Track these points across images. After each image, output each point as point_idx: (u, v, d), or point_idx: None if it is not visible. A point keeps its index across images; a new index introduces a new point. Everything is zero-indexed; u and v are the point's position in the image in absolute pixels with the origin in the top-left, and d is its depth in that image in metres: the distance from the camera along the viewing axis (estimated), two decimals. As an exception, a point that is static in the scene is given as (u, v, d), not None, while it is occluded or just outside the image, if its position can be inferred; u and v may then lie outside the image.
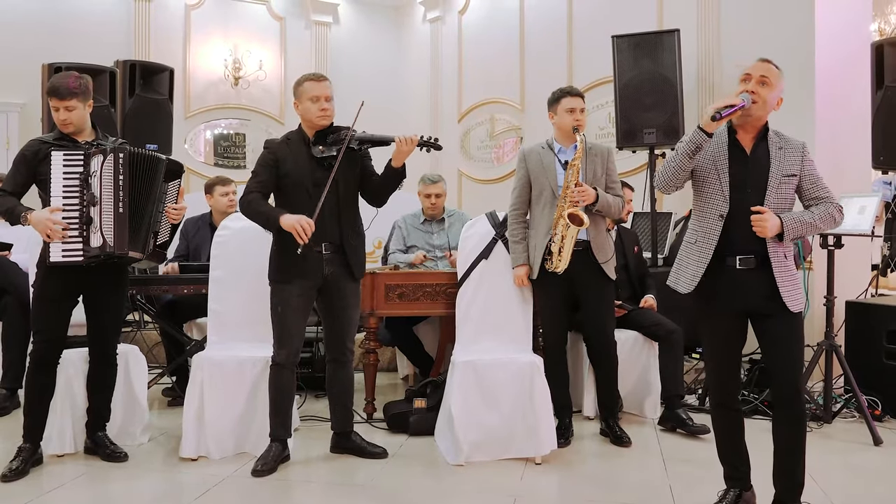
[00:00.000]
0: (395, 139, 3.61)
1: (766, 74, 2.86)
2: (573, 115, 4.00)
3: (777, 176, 2.84)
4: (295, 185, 3.62)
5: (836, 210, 2.88)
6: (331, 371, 3.82)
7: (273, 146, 3.73)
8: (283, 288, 3.63)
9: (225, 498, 3.29)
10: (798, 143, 2.91)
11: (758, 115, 2.87)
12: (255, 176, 3.67)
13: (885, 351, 4.54)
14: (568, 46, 7.21)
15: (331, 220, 3.62)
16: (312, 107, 3.64)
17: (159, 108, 6.49)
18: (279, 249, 3.64)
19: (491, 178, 7.97)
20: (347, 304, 3.74)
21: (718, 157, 2.89)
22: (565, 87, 4.12)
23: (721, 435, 3.04)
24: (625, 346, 4.38)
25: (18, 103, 7.00)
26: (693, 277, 2.90)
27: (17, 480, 3.39)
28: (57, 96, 3.50)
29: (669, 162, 2.92)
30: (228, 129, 8.30)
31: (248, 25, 8.30)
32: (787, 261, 2.85)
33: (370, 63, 8.61)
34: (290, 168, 3.63)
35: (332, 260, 3.64)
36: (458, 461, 3.67)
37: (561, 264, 3.90)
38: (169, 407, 4.83)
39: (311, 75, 3.75)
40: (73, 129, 3.55)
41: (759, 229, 2.78)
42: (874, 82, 5.11)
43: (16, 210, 3.43)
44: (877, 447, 3.99)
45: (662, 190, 3.01)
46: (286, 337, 3.65)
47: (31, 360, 3.56)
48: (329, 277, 3.65)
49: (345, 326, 3.76)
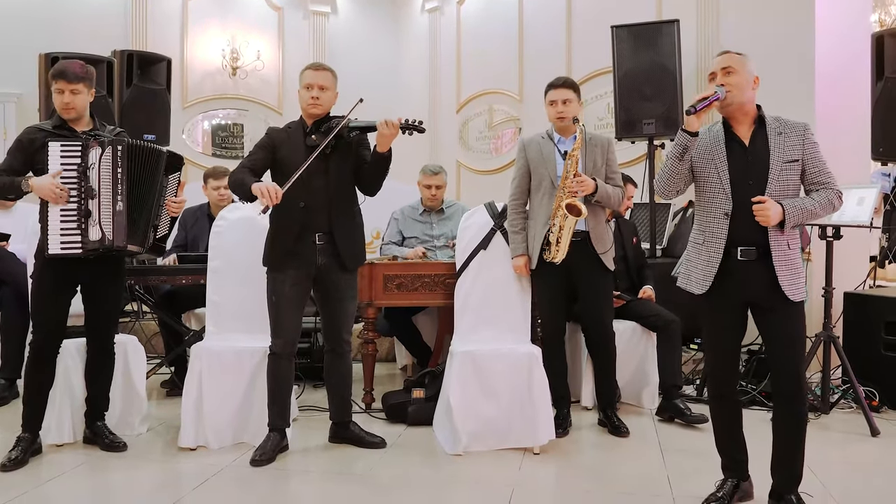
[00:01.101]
0: (378, 123, 3.60)
1: (727, 64, 2.88)
2: (555, 108, 4.01)
3: (778, 164, 2.83)
4: (288, 171, 3.60)
5: (836, 196, 2.87)
6: (328, 361, 3.82)
7: (272, 132, 3.77)
8: (276, 277, 3.64)
9: (224, 487, 3.29)
10: (799, 125, 2.89)
11: (739, 102, 2.86)
12: (249, 155, 3.71)
13: (883, 342, 4.55)
14: (567, 37, 7.19)
15: (322, 210, 3.61)
16: (305, 94, 3.67)
17: (157, 98, 6.48)
18: (273, 237, 3.66)
19: (489, 168, 7.96)
20: (342, 295, 3.73)
21: (716, 154, 2.88)
22: (553, 79, 4.09)
23: (719, 425, 3.04)
24: (623, 337, 4.38)
25: (15, 93, 6.97)
26: (705, 278, 2.89)
27: (17, 470, 3.40)
28: (65, 78, 3.48)
29: (664, 167, 2.94)
30: (226, 120, 8.27)
31: (245, 15, 8.27)
32: (791, 251, 2.83)
33: (368, 53, 8.58)
34: (286, 154, 3.64)
35: (324, 250, 3.64)
36: (456, 451, 3.68)
37: (559, 255, 3.89)
38: (168, 397, 4.84)
39: (311, 64, 3.78)
40: (74, 115, 3.52)
41: (761, 219, 2.77)
42: (874, 73, 5.10)
43: (14, 182, 3.41)
44: (874, 438, 4.00)
45: (662, 195, 3.01)
46: (281, 327, 3.65)
47: (30, 350, 3.56)
48: (322, 268, 3.64)
49: (340, 318, 3.76)
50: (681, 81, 5.64)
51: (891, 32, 5.18)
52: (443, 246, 4.99)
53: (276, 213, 3.51)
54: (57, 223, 3.40)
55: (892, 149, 5.06)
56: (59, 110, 3.52)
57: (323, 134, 3.62)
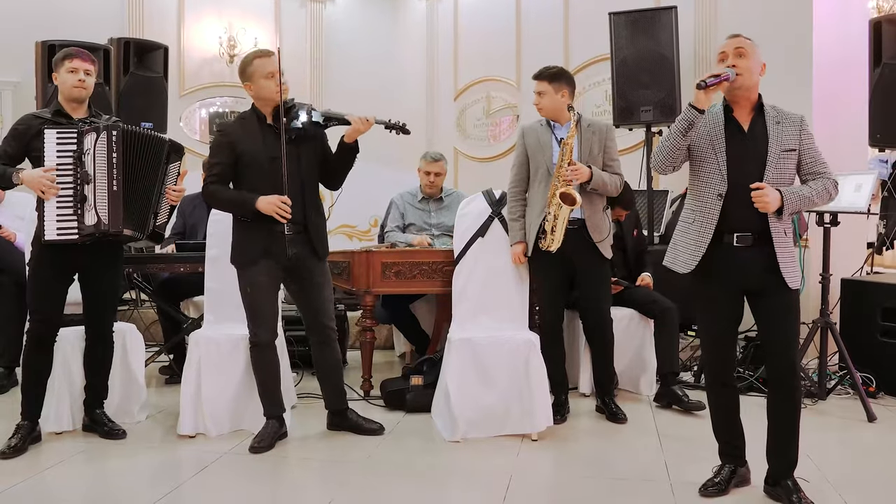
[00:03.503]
0: (352, 118, 3.58)
1: (740, 46, 2.86)
2: (536, 98, 4.04)
3: (776, 151, 2.83)
4: (252, 164, 3.57)
5: (833, 185, 2.88)
6: (316, 353, 3.81)
7: (226, 128, 3.67)
8: (249, 269, 3.61)
9: (223, 474, 3.30)
10: (796, 116, 2.90)
11: (746, 87, 2.86)
12: (211, 166, 3.61)
13: (880, 328, 4.56)
14: (564, 23, 7.16)
15: (296, 199, 3.56)
16: (269, 83, 3.57)
17: (154, 86, 6.45)
18: (241, 234, 3.62)
19: (487, 156, 7.94)
20: (319, 281, 3.72)
21: (715, 136, 2.88)
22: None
23: (716, 412, 3.05)
24: (620, 324, 4.39)
25: (12, 81, 6.94)
26: (692, 257, 2.89)
27: (16, 457, 3.41)
28: (80, 57, 3.53)
29: (664, 142, 2.91)
30: (224, 107, 8.23)
31: (242, 3, 8.22)
32: (787, 237, 2.85)
33: (366, 41, 8.54)
34: (247, 147, 3.58)
35: (294, 240, 3.58)
36: (454, 438, 3.69)
37: (554, 244, 3.89)
38: (166, 385, 4.85)
39: (259, 52, 3.69)
40: (85, 95, 3.55)
41: (760, 205, 2.77)
42: (871, 59, 5.08)
43: (6, 172, 3.41)
44: (871, 424, 4.02)
45: (658, 170, 3.00)
46: (260, 316, 3.63)
47: (28, 338, 3.57)
48: (294, 258, 3.60)
49: (322, 306, 3.75)
50: (678, 68, 5.62)
51: (888, 18, 5.16)
52: (440, 235, 4.99)
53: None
54: (53, 210, 3.40)
55: (889, 135, 5.05)
56: (70, 88, 3.52)
57: (294, 119, 3.56)
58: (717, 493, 2.98)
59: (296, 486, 3.26)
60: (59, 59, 3.55)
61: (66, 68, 3.51)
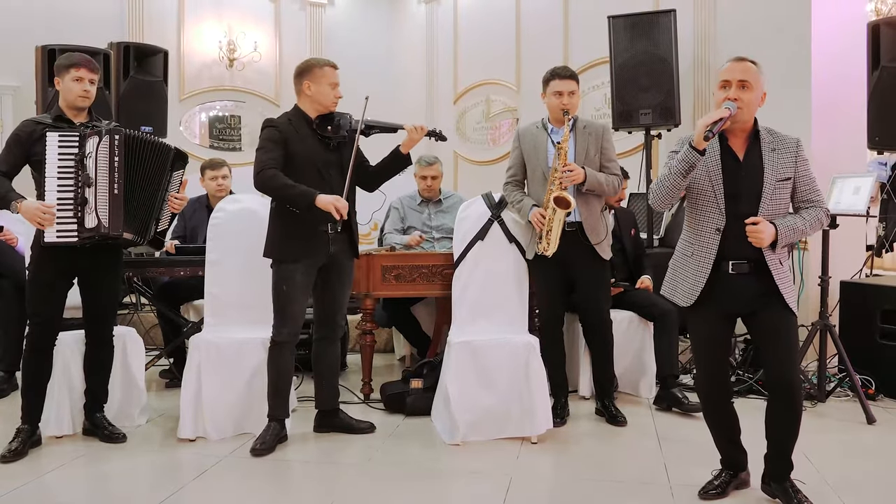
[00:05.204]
0: (407, 127, 3.68)
1: (744, 78, 2.79)
2: (560, 98, 3.95)
3: (771, 182, 2.82)
4: (305, 165, 3.61)
5: (825, 214, 2.89)
6: (319, 349, 3.84)
7: (279, 124, 3.69)
8: (288, 267, 3.63)
9: (224, 477, 3.31)
10: (791, 140, 2.88)
11: (744, 119, 2.83)
12: (267, 151, 3.60)
13: (879, 330, 4.56)
14: (564, 27, 7.18)
15: None
16: (331, 92, 3.69)
17: (154, 90, 6.46)
18: (285, 229, 3.64)
19: (487, 159, 7.96)
20: (345, 281, 3.82)
21: (712, 169, 2.85)
22: (557, 68, 4.04)
23: (715, 430, 3.06)
24: (620, 327, 4.39)
25: (12, 86, 6.95)
26: (692, 290, 2.90)
27: (16, 461, 3.41)
28: (88, 67, 3.54)
29: (663, 181, 2.87)
30: (223, 111, 8.25)
31: (242, 7, 8.24)
32: (783, 266, 2.86)
33: (366, 44, 8.56)
34: (299, 148, 3.63)
35: (336, 239, 3.66)
36: (454, 441, 3.70)
37: (550, 248, 3.89)
38: (166, 388, 4.85)
39: (329, 61, 3.76)
40: (88, 104, 3.58)
41: (755, 240, 2.77)
42: (870, 62, 5.09)
43: (7, 196, 3.40)
44: (870, 426, 4.02)
45: (657, 207, 2.99)
46: (289, 315, 3.65)
47: (28, 342, 3.57)
48: (332, 256, 3.69)
49: (340, 303, 3.83)
50: (677, 71, 5.63)
51: (886, 21, 5.16)
52: (440, 238, 5.00)
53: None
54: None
55: (888, 138, 5.05)
56: (75, 97, 3.53)
57: (336, 128, 3.68)
58: (716, 496, 2.98)
59: (296, 490, 3.26)
60: (64, 65, 3.55)
61: (71, 76, 3.51)
